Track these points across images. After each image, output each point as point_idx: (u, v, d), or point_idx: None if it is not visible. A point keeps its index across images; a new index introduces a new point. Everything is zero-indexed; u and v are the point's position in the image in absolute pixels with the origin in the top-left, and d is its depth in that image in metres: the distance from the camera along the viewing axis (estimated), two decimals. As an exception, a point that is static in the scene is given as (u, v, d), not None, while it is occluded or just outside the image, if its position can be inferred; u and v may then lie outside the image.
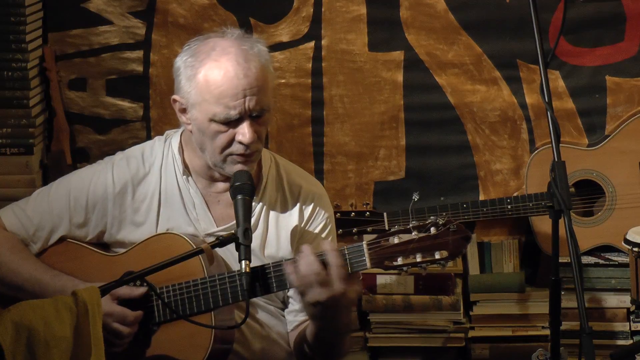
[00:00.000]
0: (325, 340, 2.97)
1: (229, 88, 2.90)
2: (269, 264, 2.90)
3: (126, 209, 3.09)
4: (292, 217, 3.10)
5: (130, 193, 3.09)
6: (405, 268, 2.82)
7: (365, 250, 2.83)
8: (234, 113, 2.91)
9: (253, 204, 3.04)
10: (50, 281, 3.01)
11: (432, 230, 2.80)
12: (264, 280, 2.88)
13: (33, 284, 3.01)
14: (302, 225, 3.11)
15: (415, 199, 3.80)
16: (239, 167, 2.97)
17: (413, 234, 2.81)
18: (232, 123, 2.93)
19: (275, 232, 3.08)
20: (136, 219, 3.08)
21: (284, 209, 3.10)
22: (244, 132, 2.92)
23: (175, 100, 3.03)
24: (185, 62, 2.98)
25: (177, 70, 3.00)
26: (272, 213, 3.09)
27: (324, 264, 2.81)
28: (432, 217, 2.82)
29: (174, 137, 3.14)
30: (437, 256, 2.80)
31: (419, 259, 2.80)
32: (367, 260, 2.83)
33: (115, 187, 3.08)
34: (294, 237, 3.09)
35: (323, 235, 3.12)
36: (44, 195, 3.13)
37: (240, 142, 2.93)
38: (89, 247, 3.09)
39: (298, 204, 3.11)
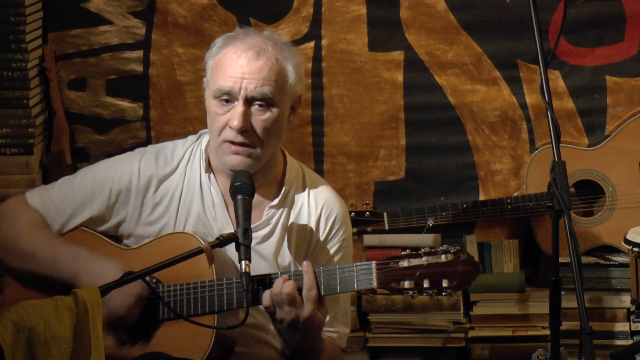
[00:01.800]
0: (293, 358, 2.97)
1: (229, 66, 2.94)
2: (277, 273, 2.89)
3: (147, 202, 3.09)
4: (310, 231, 3.08)
5: (153, 187, 3.09)
6: (411, 292, 2.82)
7: (374, 269, 2.83)
8: (224, 85, 2.93)
9: (273, 210, 3.05)
10: (65, 247, 3.02)
11: (443, 257, 2.80)
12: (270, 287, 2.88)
13: (47, 251, 3.02)
14: (319, 241, 3.09)
15: (430, 225, 3.83)
16: (229, 158, 2.97)
17: (423, 259, 2.81)
18: (230, 106, 2.94)
19: (290, 242, 3.08)
20: (155, 214, 3.08)
21: (304, 221, 3.09)
22: (234, 115, 2.93)
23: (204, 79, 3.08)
24: (216, 43, 3.04)
25: (209, 50, 3.07)
26: (290, 222, 3.09)
27: (298, 284, 2.83)
28: (444, 245, 2.82)
29: (205, 136, 3.14)
30: (444, 284, 2.79)
31: (425, 284, 2.80)
32: (375, 280, 2.83)
33: (141, 179, 3.09)
34: (308, 250, 3.08)
35: (336, 258, 3.09)
36: (70, 181, 3.15)
37: (230, 127, 2.94)
38: (104, 238, 3.10)
39: (317, 219, 3.09)
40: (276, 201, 3.06)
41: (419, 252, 2.82)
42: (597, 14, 4.04)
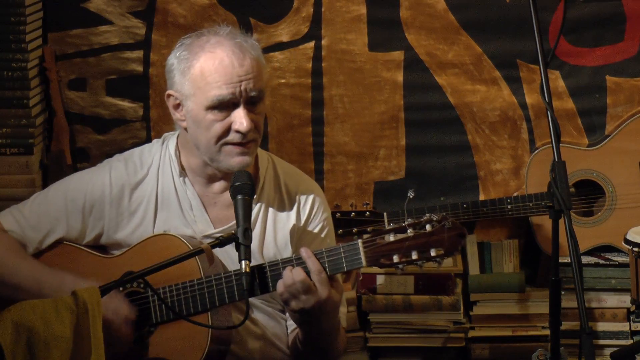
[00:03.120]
0: (316, 344, 2.98)
1: (224, 74, 2.92)
2: (265, 263, 2.90)
3: (123, 212, 3.08)
4: (290, 218, 3.10)
5: (127, 196, 3.08)
6: (401, 266, 2.82)
7: (361, 248, 2.83)
8: (226, 93, 2.91)
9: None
10: (49, 277, 3.00)
11: (428, 227, 2.81)
12: (262, 279, 2.89)
13: (31, 282, 3.01)
14: (301, 226, 3.11)
15: (411, 196, 3.80)
16: (236, 160, 2.96)
17: (408, 231, 2.81)
18: (227, 110, 2.93)
19: (273, 233, 3.09)
20: (133, 222, 3.08)
21: (282, 209, 3.10)
22: (241, 119, 2.92)
23: (169, 95, 3.03)
24: (180, 57, 2.99)
25: (171, 67, 3.02)
26: (270, 214, 3.09)
27: (305, 270, 2.83)
28: (427, 215, 2.83)
29: (170, 139, 3.13)
30: (432, 253, 2.80)
31: (414, 256, 2.81)
32: (363, 258, 2.83)
33: (113, 189, 3.08)
34: (292, 237, 3.09)
35: (322, 235, 3.13)
36: (42, 198, 3.13)
37: (237, 131, 2.93)
38: (86, 249, 3.09)
39: (296, 205, 3.11)
40: (254, 196, 3.05)
41: (403, 224, 2.82)
42: (597, 14, 4.04)
